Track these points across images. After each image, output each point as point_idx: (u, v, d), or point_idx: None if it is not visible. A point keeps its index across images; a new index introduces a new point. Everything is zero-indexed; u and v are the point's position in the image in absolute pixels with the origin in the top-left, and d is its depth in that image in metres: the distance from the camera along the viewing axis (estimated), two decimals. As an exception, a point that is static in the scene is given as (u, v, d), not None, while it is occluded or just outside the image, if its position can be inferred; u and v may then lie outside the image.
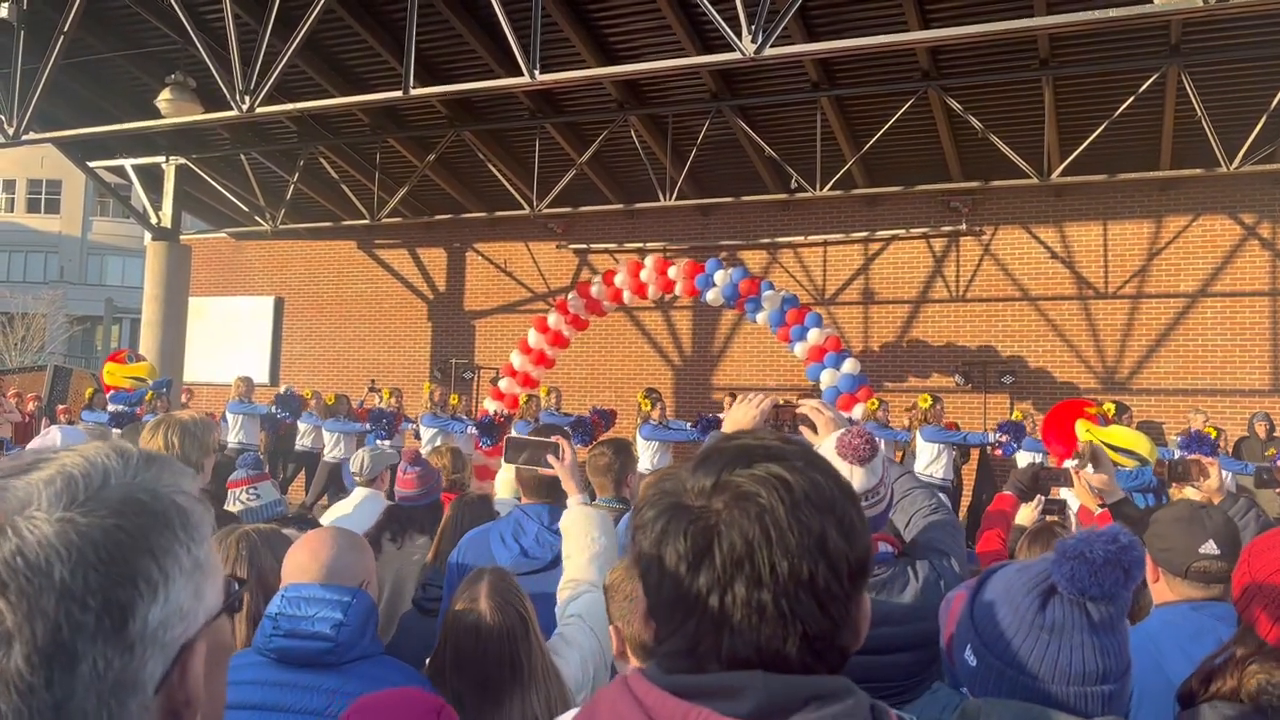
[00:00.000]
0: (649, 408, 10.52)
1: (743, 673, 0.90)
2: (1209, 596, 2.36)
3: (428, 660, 2.34)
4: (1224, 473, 4.54)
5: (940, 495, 2.58)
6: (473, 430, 10.87)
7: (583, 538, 2.85)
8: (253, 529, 2.50)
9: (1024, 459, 9.26)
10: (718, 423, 9.98)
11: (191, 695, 0.75)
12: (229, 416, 11.11)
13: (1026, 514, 4.13)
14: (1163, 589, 2.42)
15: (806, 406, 2.37)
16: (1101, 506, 4.05)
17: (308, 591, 1.98)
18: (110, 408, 10.60)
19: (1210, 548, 2.36)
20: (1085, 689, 1.36)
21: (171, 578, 0.73)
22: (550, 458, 2.97)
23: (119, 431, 7.82)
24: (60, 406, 13.95)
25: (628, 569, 2.16)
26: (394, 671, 2.04)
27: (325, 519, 4.77)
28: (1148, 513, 3.13)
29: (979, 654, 1.45)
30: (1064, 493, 4.39)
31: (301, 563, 2.06)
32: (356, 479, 5.17)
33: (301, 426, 11.89)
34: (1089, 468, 3.74)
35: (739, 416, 2.33)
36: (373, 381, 13.99)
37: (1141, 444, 5.62)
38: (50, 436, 3.96)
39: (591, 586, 2.74)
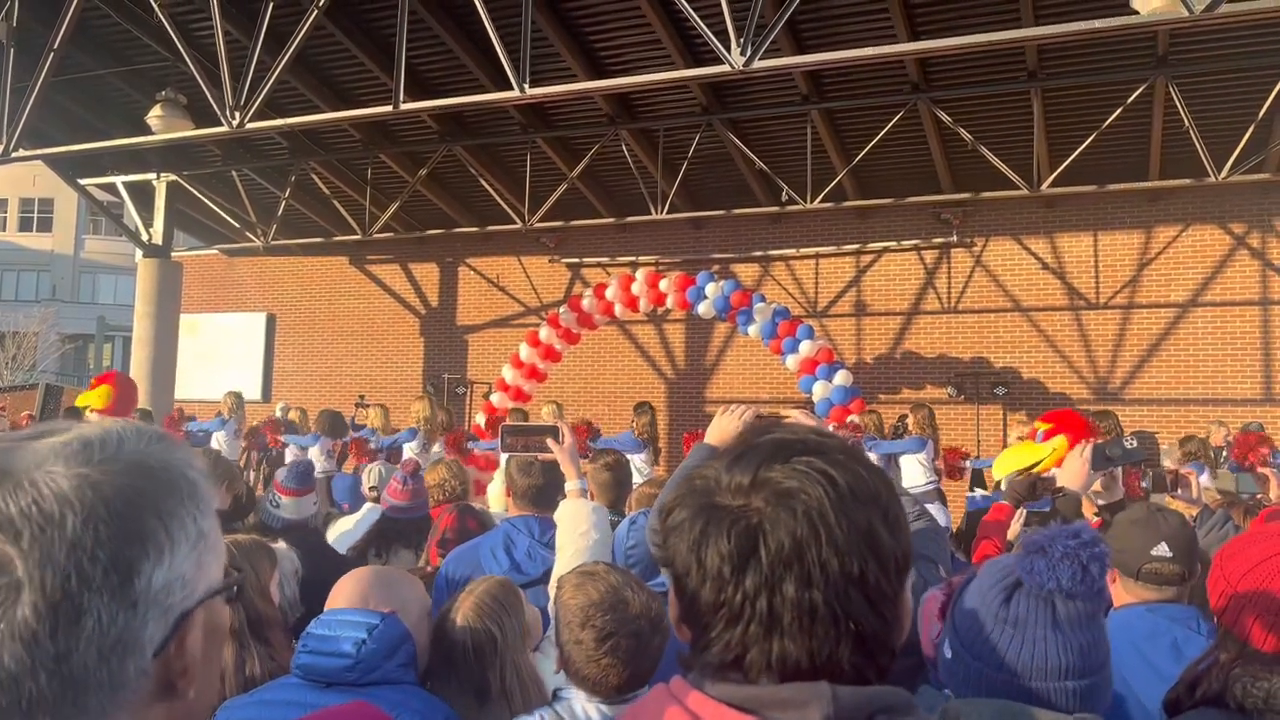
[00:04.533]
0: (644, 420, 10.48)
1: (807, 684, 0.86)
2: (1163, 599, 2.38)
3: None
4: (1201, 484, 4.55)
5: (925, 505, 2.58)
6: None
7: (573, 531, 2.84)
8: (231, 541, 2.48)
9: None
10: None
11: (188, 665, 0.77)
12: (215, 435, 11.01)
13: (1013, 528, 4.10)
14: (1119, 591, 2.44)
15: (790, 417, 2.37)
16: (1097, 514, 4.03)
17: (342, 615, 2.05)
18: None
19: (1163, 550, 2.37)
20: (1048, 684, 1.36)
21: (176, 543, 0.76)
22: (550, 441, 2.95)
23: None
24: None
25: (577, 589, 2.13)
26: (415, 699, 2.03)
27: (331, 533, 4.76)
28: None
29: (953, 647, 1.47)
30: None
31: (343, 590, 2.14)
32: (370, 493, 5.19)
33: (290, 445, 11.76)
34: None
35: (722, 428, 2.32)
36: (361, 397, 13.93)
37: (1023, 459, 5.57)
38: None
39: None
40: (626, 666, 2.02)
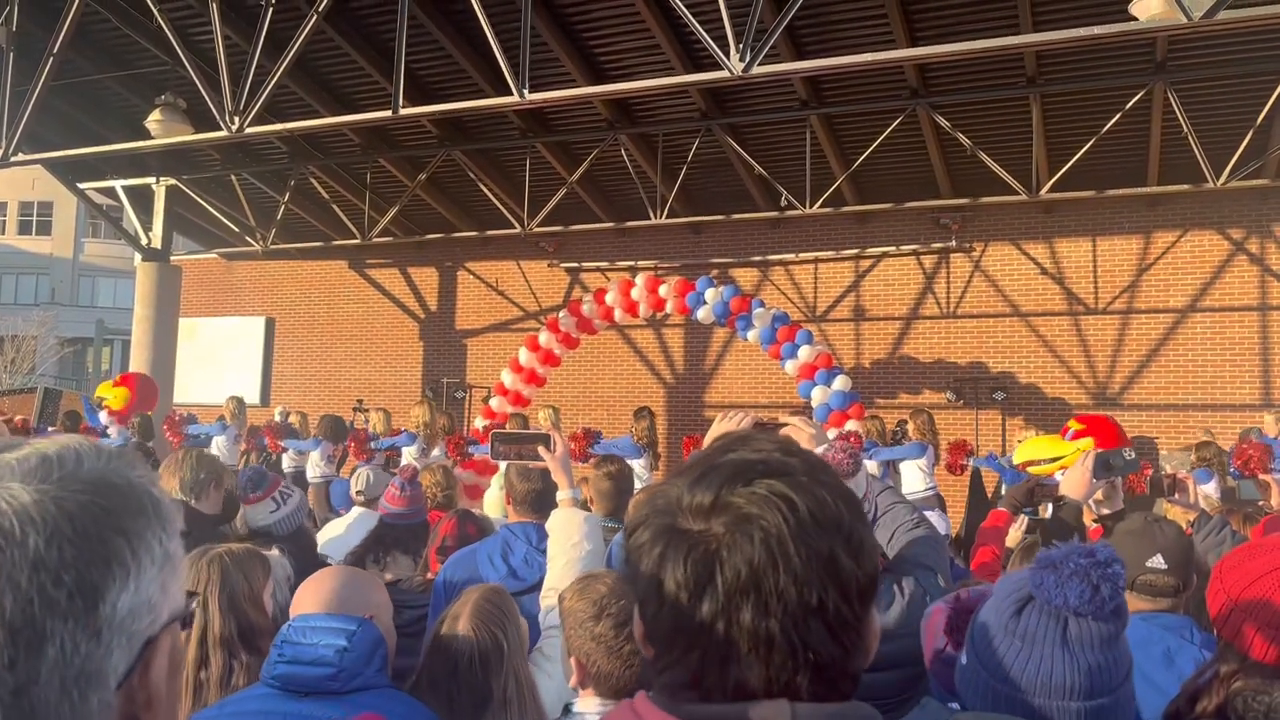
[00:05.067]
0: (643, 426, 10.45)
1: (767, 702, 0.85)
2: (1157, 609, 2.38)
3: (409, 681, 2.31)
4: (1201, 490, 4.54)
5: (923, 511, 2.57)
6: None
7: (565, 542, 2.81)
8: (225, 549, 2.46)
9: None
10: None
11: (153, 695, 0.72)
12: (216, 440, 11.02)
13: (1012, 535, 4.09)
14: None
15: (790, 424, 2.35)
16: (1096, 522, 4.02)
17: (314, 621, 2.00)
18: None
19: (1158, 562, 2.37)
20: (1051, 701, 1.35)
21: (143, 565, 0.71)
22: (541, 449, 2.93)
23: None
24: (50, 429, 13.84)
25: (581, 591, 2.11)
26: (397, 703, 2.01)
27: (320, 537, 4.75)
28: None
29: (969, 654, 1.47)
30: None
31: (309, 595, 2.09)
32: (358, 498, 5.16)
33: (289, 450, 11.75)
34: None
35: (721, 433, 2.30)
36: (359, 401, 13.91)
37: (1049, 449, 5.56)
38: None
39: None
40: None
